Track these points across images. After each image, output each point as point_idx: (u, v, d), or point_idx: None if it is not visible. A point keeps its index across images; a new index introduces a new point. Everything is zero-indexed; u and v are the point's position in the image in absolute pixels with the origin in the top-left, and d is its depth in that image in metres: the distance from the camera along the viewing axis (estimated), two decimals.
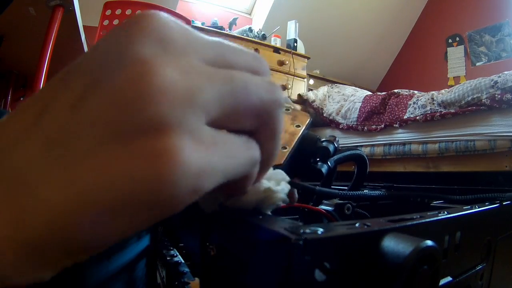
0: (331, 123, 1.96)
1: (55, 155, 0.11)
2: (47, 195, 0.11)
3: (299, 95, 2.29)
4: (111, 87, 0.11)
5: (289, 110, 0.26)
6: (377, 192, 0.35)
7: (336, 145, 0.25)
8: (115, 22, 1.42)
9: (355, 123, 1.81)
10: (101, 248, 0.12)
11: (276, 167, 0.21)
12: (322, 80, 2.80)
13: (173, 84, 0.11)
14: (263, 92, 0.14)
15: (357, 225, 0.18)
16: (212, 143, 0.12)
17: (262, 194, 0.19)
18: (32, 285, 0.11)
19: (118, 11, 1.42)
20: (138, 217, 0.11)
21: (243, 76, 0.14)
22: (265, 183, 0.18)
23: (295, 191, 0.26)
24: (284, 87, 2.24)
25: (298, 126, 0.24)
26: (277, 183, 0.19)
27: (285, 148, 0.22)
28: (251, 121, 0.15)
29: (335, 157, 0.29)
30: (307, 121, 0.25)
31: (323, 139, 0.25)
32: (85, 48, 1.37)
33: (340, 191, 0.30)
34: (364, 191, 0.34)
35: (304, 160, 0.24)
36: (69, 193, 0.11)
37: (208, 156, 0.12)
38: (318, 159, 0.25)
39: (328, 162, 0.25)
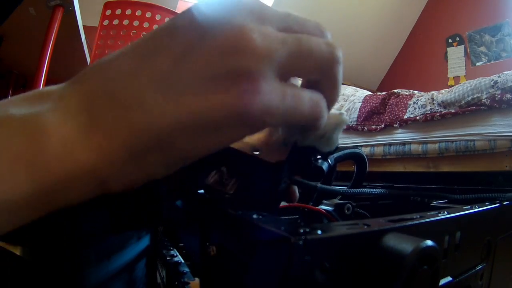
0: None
1: (166, 86, 0.15)
2: (161, 111, 0.15)
3: None
4: (217, 42, 0.15)
5: None
6: (378, 191, 0.35)
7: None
8: (115, 22, 1.42)
9: (355, 123, 1.81)
10: (195, 158, 0.17)
11: (278, 163, 0.21)
12: None
13: (259, 45, 0.15)
14: (324, 50, 0.18)
15: (357, 225, 0.18)
16: (280, 92, 0.16)
17: (338, 119, 0.22)
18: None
19: (118, 11, 1.42)
20: (226, 133, 0.16)
21: (308, 38, 0.18)
22: (335, 111, 0.22)
23: (296, 189, 0.26)
24: None
25: None
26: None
27: (287, 145, 0.22)
28: (315, 74, 0.19)
29: (335, 155, 0.29)
30: None
31: None
32: (85, 48, 1.37)
33: (342, 189, 0.30)
34: (365, 189, 0.34)
35: (303, 157, 0.24)
36: (180, 112, 0.15)
37: (278, 98, 0.16)
38: (318, 157, 0.25)
39: (328, 160, 0.25)
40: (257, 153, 0.21)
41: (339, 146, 0.27)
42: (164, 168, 0.17)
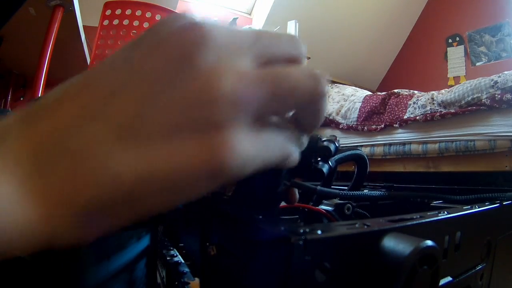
0: (331, 123, 1.96)
1: (125, 137, 0.14)
2: (120, 168, 0.13)
3: None
4: (185, 89, 0.14)
5: None
6: (377, 192, 0.35)
7: (337, 145, 0.25)
8: (115, 22, 1.42)
9: (355, 123, 1.81)
10: (162, 210, 0.15)
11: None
12: None
13: (232, 92, 0.14)
14: (307, 86, 0.17)
15: (357, 225, 0.18)
16: (257, 139, 0.15)
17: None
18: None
19: (118, 11, 1.42)
20: (199, 186, 0.15)
21: (287, 74, 0.16)
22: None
23: (296, 191, 0.26)
24: None
25: None
26: None
27: None
28: (297, 110, 0.18)
29: (336, 157, 0.29)
30: None
31: (324, 139, 0.25)
32: (85, 48, 1.37)
33: (341, 191, 0.30)
34: (364, 191, 0.34)
35: (305, 159, 0.24)
36: (143, 167, 0.13)
37: (253, 148, 0.15)
38: (319, 159, 0.24)
39: (329, 162, 0.25)
40: None
41: (340, 147, 0.27)
42: (125, 223, 0.15)
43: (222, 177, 0.14)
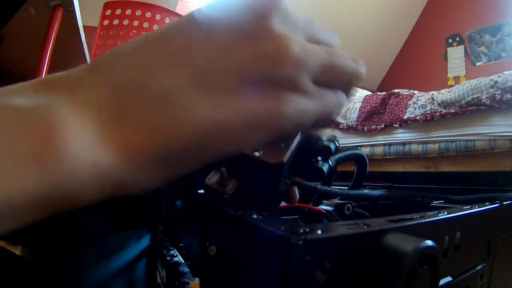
0: (331, 123, 1.96)
1: (203, 85, 0.15)
2: (201, 111, 0.14)
3: None
4: (257, 49, 0.16)
5: None
6: (378, 192, 0.35)
7: (337, 144, 0.25)
8: (115, 22, 1.42)
9: (355, 123, 1.81)
10: (219, 159, 0.16)
11: (277, 164, 0.21)
12: None
13: (298, 56, 0.16)
14: (352, 67, 0.20)
15: (357, 225, 0.18)
16: (314, 95, 0.18)
17: None
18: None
19: (118, 11, 1.42)
20: (264, 134, 0.16)
21: (339, 54, 0.19)
22: None
23: (296, 190, 0.26)
24: None
25: None
26: None
27: (287, 146, 0.22)
28: (339, 86, 0.20)
29: (336, 156, 0.29)
30: None
31: (324, 138, 0.25)
32: (85, 48, 1.37)
33: (342, 190, 0.30)
34: (365, 190, 0.34)
35: (304, 159, 0.24)
36: (219, 112, 0.15)
37: (309, 103, 0.17)
38: (319, 158, 0.24)
39: (329, 161, 0.25)
40: (257, 153, 0.21)
41: (340, 147, 0.27)
42: (188, 170, 0.16)
43: (285, 126, 0.17)
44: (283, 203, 0.27)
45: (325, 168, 0.24)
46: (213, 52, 0.15)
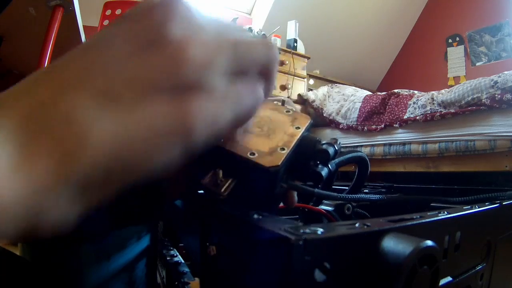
0: (331, 123, 1.96)
1: (107, 103, 0.14)
2: (103, 132, 0.14)
3: (299, 95, 2.29)
4: (155, 56, 0.15)
5: (289, 111, 0.26)
6: (376, 196, 0.35)
7: (336, 148, 0.25)
8: None
9: (355, 123, 1.81)
10: (145, 174, 0.15)
11: (273, 168, 0.21)
12: (322, 80, 2.80)
13: (196, 56, 0.16)
14: (261, 52, 0.19)
15: (357, 225, 0.18)
16: (225, 94, 0.17)
17: None
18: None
19: (118, 11, 1.42)
20: (172, 149, 0.15)
21: (246, 42, 0.18)
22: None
23: (295, 194, 0.26)
24: (284, 87, 2.24)
25: (297, 127, 0.24)
26: None
27: (283, 149, 0.22)
28: (256, 70, 0.19)
29: (336, 160, 0.29)
30: (307, 123, 0.25)
31: (324, 142, 0.25)
32: None
33: (339, 194, 0.30)
34: (364, 191, 0.34)
35: (302, 163, 0.24)
36: (124, 131, 0.14)
37: (221, 104, 0.17)
38: (318, 162, 0.24)
39: (329, 165, 0.25)
40: (253, 156, 0.21)
41: (341, 149, 0.27)
42: (114, 192, 0.15)
43: (192, 137, 0.15)
44: (282, 204, 0.27)
45: (324, 172, 0.24)
46: (113, 66, 0.15)
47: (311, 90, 2.33)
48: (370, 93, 2.06)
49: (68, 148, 0.13)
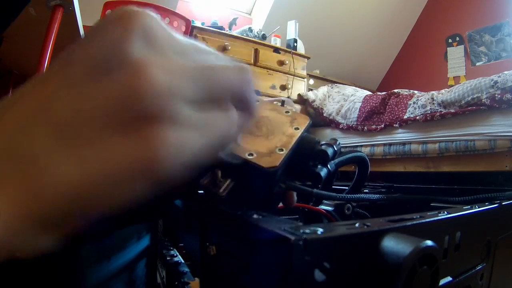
0: (331, 123, 1.96)
1: (65, 139, 0.13)
2: (62, 171, 0.13)
3: (299, 95, 2.29)
4: (112, 83, 0.14)
5: (288, 112, 0.26)
6: (376, 196, 0.35)
7: (336, 149, 0.25)
8: None
9: (355, 123, 1.81)
10: (108, 214, 0.14)
11: (271, 169, 0.21)
12: (322, 80, 2.80)
13: (158, 84, 0.14)
14: (232, 76, 0.17)
15: (357, 225, 0.18)
16: (195, 123, 0.15)
17: None
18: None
19: None
20: (137, 186, 0.14)
21: (212, 64, 0.17)
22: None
23: (294, 194, 0.26)
24: (284, 87, 2.24)
25: (296, 128, 0.24)
26: None
27: (282, 150, 0.22)
28: (227, 97, 0.17)
29: (336, 160, 0.29)
30: (306, 124, 0.25)
31: (323, 142, 0.25)
32: None
33: (338, 194, 0.30)
34: (364, 191, 0.34)
35: (301, 163, 0.24)
36: (83, 169, 0.13)
37: (190, 134, 0.15)
38: (317, 162, 0.24)
39: (329, 165, 0.25)
40: (251, 157, 0.21)
41: (341, 149, 0.27)
42: (82, 225, 0.14)
43: (159, 172, 0.14)
44: (281, 204, 0.27)
45: (323, 172, 0.24)
46: (69, 98, 0.14)
47: (311, 90, 2.33)
48: (370, 93, 2.06)
49: (29, 189, 0.13)
